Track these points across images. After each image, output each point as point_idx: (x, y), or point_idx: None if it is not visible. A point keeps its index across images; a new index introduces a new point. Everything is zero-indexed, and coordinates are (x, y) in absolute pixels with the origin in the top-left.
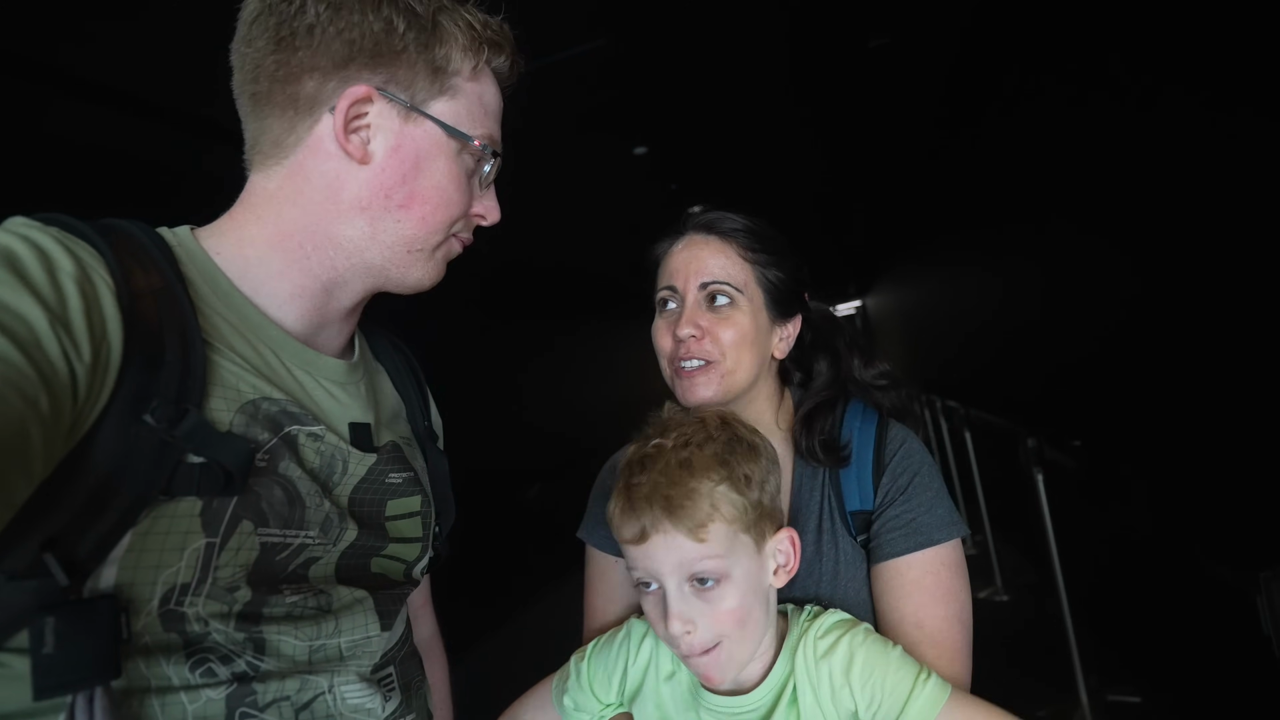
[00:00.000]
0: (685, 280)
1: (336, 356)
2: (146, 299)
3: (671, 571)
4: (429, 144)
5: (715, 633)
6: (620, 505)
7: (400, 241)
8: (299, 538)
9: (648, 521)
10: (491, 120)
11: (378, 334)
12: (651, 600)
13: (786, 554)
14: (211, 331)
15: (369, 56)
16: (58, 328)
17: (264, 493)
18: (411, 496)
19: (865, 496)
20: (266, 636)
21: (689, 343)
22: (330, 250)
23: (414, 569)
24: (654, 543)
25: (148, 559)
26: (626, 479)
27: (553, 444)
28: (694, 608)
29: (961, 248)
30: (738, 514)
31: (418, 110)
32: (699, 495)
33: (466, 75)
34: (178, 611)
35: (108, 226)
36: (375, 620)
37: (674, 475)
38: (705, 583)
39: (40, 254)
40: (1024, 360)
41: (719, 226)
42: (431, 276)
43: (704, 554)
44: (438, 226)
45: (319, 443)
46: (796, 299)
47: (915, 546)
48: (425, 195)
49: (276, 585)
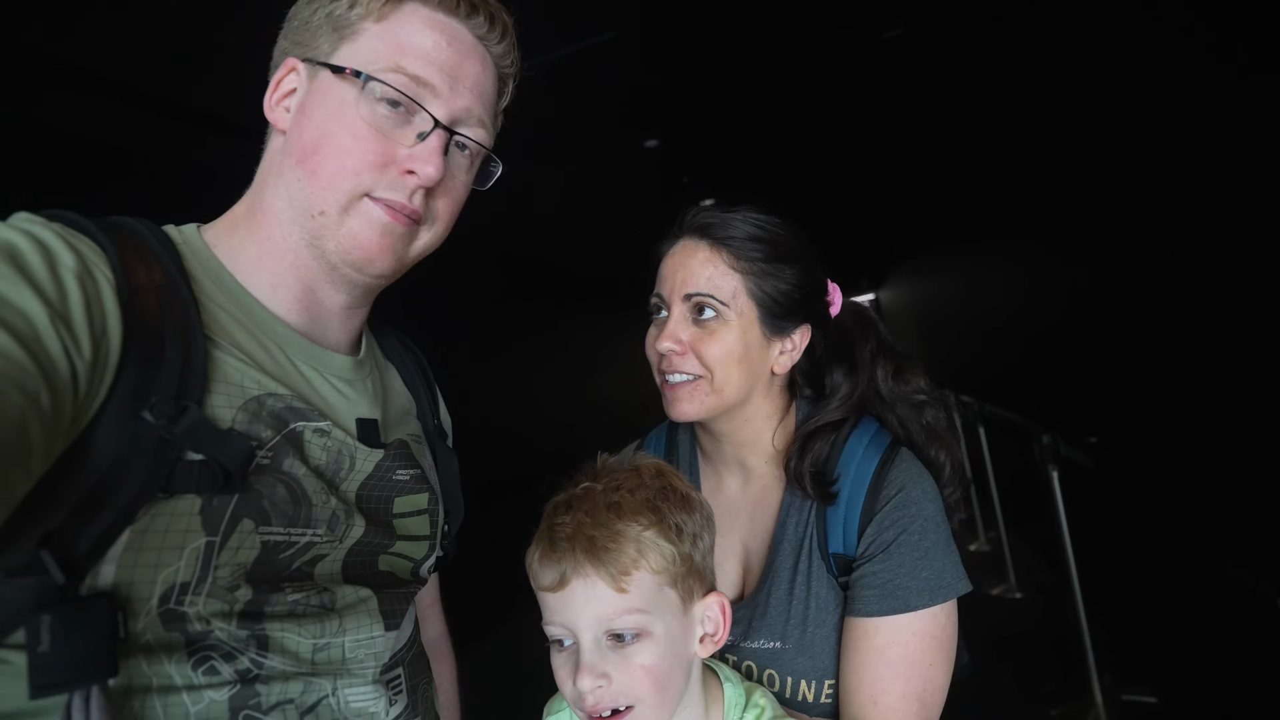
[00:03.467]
0: (671, 289)
1: (344, 352)
2: (148, 294)
3: (588, 625)
4: (322, 91)
5: (629, 692)
6: (541, 548)
7: (306, 204)
8: (305, 536)
9: (569, 566)
10: (414, 60)
11: (388, 332)
12: (562, 658)
13: (715, 622)
14: (215, 327)
15: (298, 30)
16: (58, 323)
17: (266, 491)
18: (419, 494)
19: (849, 541)
20: (270, 633)
21: (670, 357)
22: (276, 228)
23: (421, 567)
24: (573, 589)
25: (146, 557)
26: (550, 520)
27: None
28: (609, 662)
29: (981, 237)
30: (665, 564)
31: (317, 63)
32: (625, 539)
33: (375, 16)
34: (178, 610)
35: (111, 223)
36: (379, 621)
37: (600, 517)
38: (623, 638)
39: (42, 249)
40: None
41: (713, 232)
42: (352, 249)
43: (625, 607)
44: (331, 179)
45: (325, 438)
46: (801, 310)
47: (887, 610)
48: (315, 144)
49: (278, 584)
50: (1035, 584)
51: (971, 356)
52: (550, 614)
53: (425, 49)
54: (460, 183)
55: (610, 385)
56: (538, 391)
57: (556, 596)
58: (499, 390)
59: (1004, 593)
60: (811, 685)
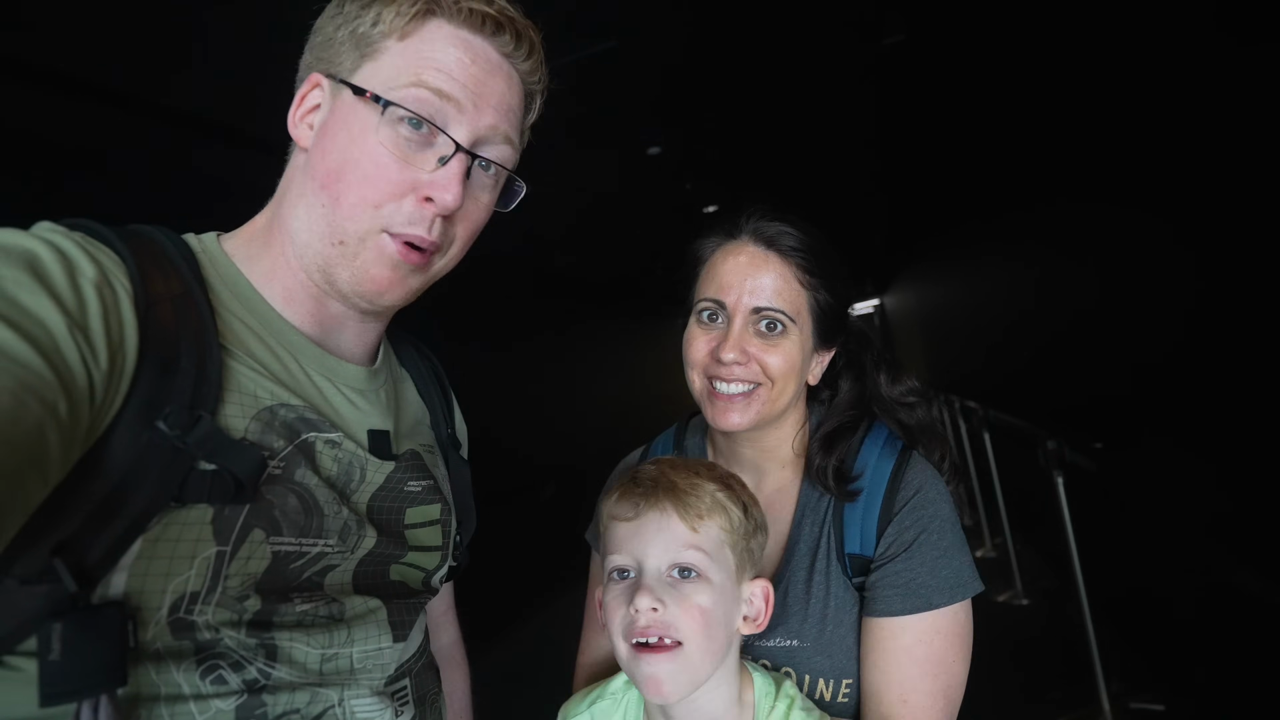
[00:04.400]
0: (737, 299)
1: (357, 362)
2: (164, 304)
3: (656, 554)
4: (344, 112)
5: (681, 627)
6: (622, 488)
7: (325, 230)
8: (316, 546)
9: (649, 499)
10: (436, 74)
11: (404, 340)
12: (618, 590)
13: (758, 607)
14: (230, 337)
15: (322, 46)
16: (76, 333)
17: (278, 501)
18: (431, 504)
19: (867, 542)
20: (278, 643)
21: (731, 367)
22: (290, 246)
23: (433, 578)
24: (647, 520)
25: (158, 566)
26: (633, 474)
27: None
28: (667, 593)
29: (984, 241)
30: (730, 527)
31: (340, 80)
32: (703, 491)
33: (399, 34)
34: (187, 619)
35: (131, 232)
36: (387, 632)
37: (681, 472)
38: (687, 575)
39: (63, 258)
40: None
41: (780, 242)
42: (364, 281)
43: (693, 542)
44: (352, 209)
45: (337, 450)
46: (841, 324)
47: (910, 609)
48: (338, 170)
49: (287, 594)
50: (1042, 590)
51: (977, 362)
52: (618, 544)
53: (448, 64)
54: (482, 204)
55: (614, 392)
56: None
57: (629, 526)
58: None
59: (1010, 599)
60: (829, 684)
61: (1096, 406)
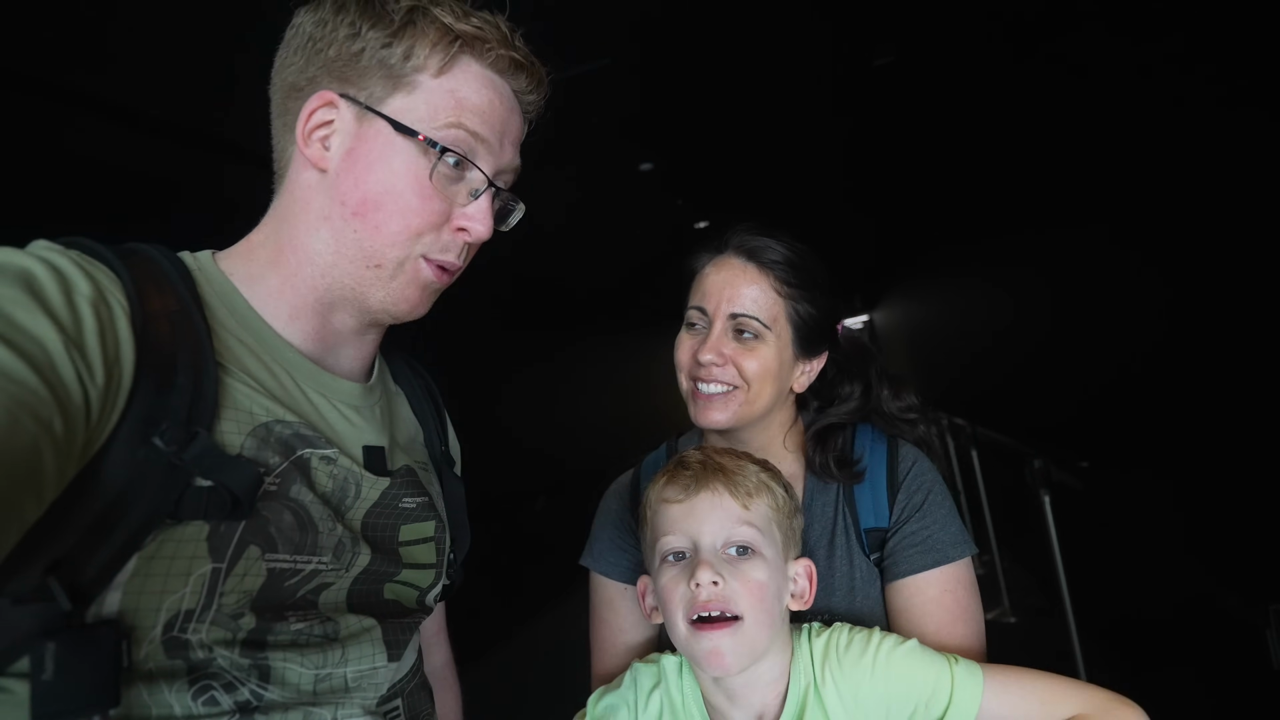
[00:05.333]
0: (716, 305)
1: (353, 379)
2: (160, 321)
3: (711, 532)
4: (381, 144)
5: (740, 601)
6: (671, 472)
7: (359, 255)
8: (311, 563)
9: (700, 480)
10: (473, 117)
11: (397, 357)
12: (675, 571)
13: (803, 585)
14: (226, 354)
15: (335, 62)
16: (72, 350)
17: (273, 517)
18: (425, 522)
19: (880, 514)
20: (272, 664)
21: (709, 368)
22: (308, 266)
23: (427, 596)
24: (701, 500)
25: (153, 584)
26: (678, 460)
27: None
28: (725, 568)
29: (971, 260)
30: (777, 505)
31: (370, 109)
32: (750, 471)
33: (433, 71)
34: (181, 638)
35: (128, 250)
36: (382, 651)
37: (726, 456)
38: (743, 552)
39: (58, 276)
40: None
41: (761, 255)
42: (398, 302)
43: (746, 519)
44: (394, 237)
45: (332, 466)
46: (825, 336)
47: (931, 564)
48: (377, 200)
49: (282, 612)
50: (1030, 608)
51: (964, 379)
52: (672, 524)
53: (481, 107)
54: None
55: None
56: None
57: (682, 507)
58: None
59: (998, 617)
60: None
61: (1082, 424)
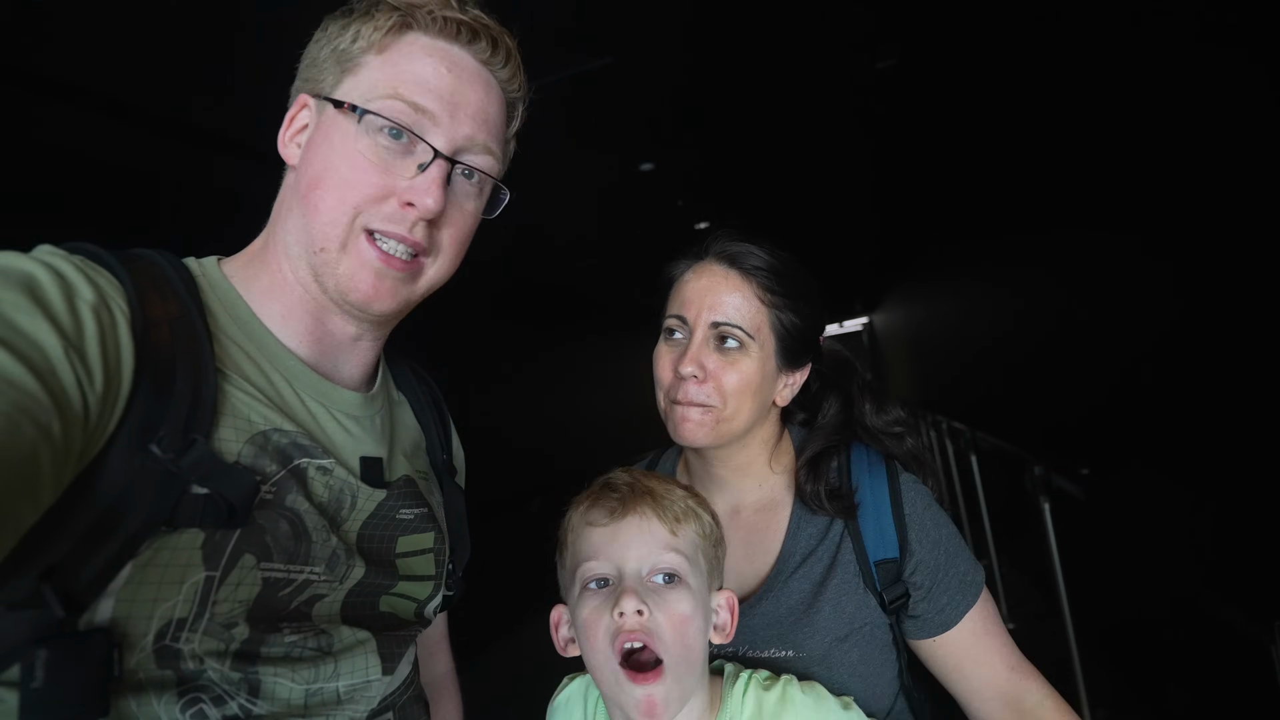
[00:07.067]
0: (697, 314)
1: (355, 387)
2: (161, 327)
3: (637, 558)
4: (326, 126)
5: (663, 638)
6: (594, 495)
7: (308, 240)
8: (303, 573)
9: (627, 504)
10: (412, 86)
11: (402, 363)
12: (598, 599)
13: (724, 618)
14: (226, 360)
15: (309, 69)
16: (72, 355)
17: (269, 526)
18: (424, 533)
19: (888, 544)
20: (263, 678)
21: (689, 382)
22: (286, 263)
23: (425, 608)
24: (627, 524)
25: (146, 591)
26: (604, 481)
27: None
28: (650, 597)
29: (976, 261)
30: (704, 533)
31: (323, 97)
32: (677, 496)
33: (376, 48)
34: (173, 648)
35: (132, 255)
36: (376, 664)
37: (654, 480)
38: (669, 580)
39: (61, 281)
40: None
41: (742, 262)
42: (350, 290)
43: (674, 545)
44: (331, 214)
45: (328, 476)
46: (809, 347)
47: (968, 605)
48: (318, 178)
49: (276, 623)
50: (1029, 614)
51: (964, 383)
52: (594, 551)
53: (424, 76)
54: (467, 212)
55: (603, 406)
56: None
57: (606, 531)
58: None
59: None
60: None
61: (1083, 430)
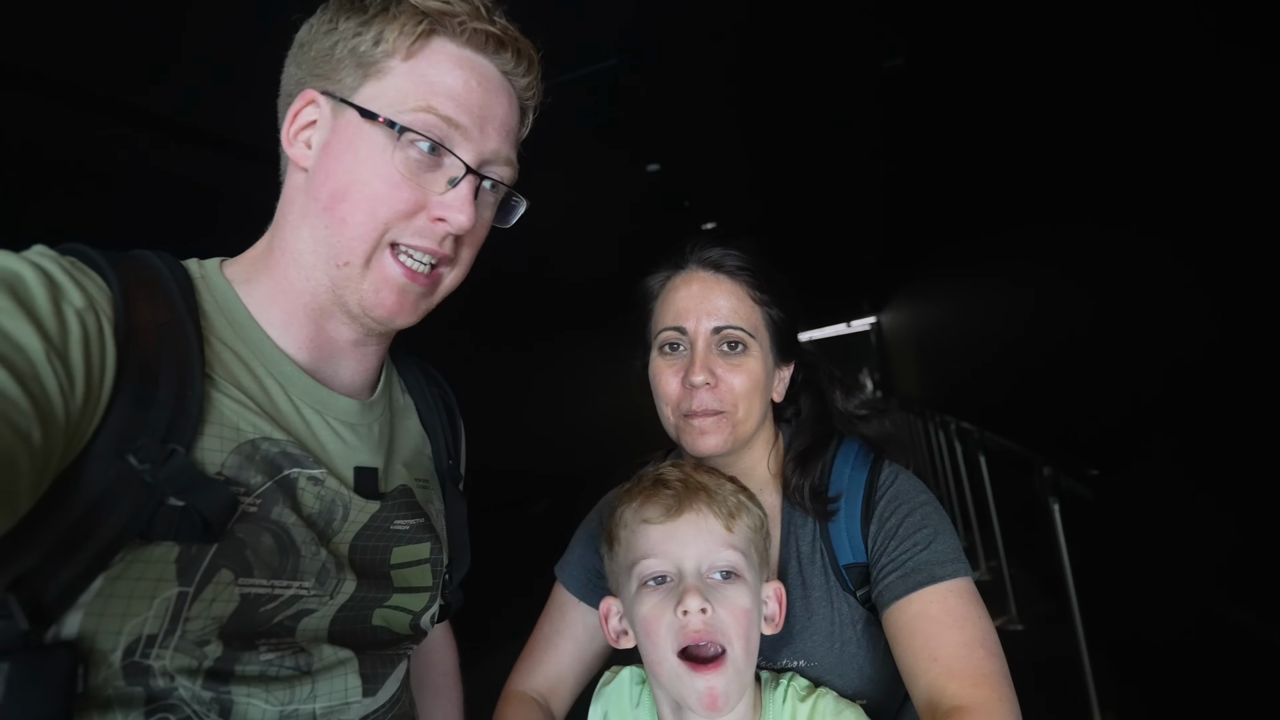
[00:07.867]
0: (697, 322)
1: (354, 393)
2: (147, 333)
3: (696, 555)
4: (350, 133)
5: (725, 631)
6: (646, 490)
7: (330, 253)
8: (291, 588)
9: (683, 500)
10: (444, 100)
11: (411, 366)
12: (657, 595)
13: (773, 608)
14: (217, 366)
15: (315, 61)
16: (54, 359)
17: (250, 540)
18: (420, 543)
19: (856, 548)
20: (235, 699)
21: (701, 391)
22: (294, 269)
23: (421, 619)
24: (684, 521)
25: (116, 605)
26: (654, 478)
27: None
28: (711, 595)
29: (983, 259)
30: (755, 526)
31: (342, 100)
32: (729, 492)
33: (403, 54)
34: (142, 664)
35: (127, 257)
36: (357, 684)
37: (705, 474)
38: (726, 576)
39: (48, 282)
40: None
41: (727, 264)
42: (375, 306)
43: (731, 542)
44: (360, 229)
45: (319, 487)
46: (795, 340)
47: (915, 585)
48: (344, 190)
49: (253, 641)
50: (1037, 616)
51: (972, 383)
52: (652, 547)
53: (455, 90)
54: (484, 222)
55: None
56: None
57: (663, 529)
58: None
59: (1005, 624)
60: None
61: (1094, 430)
